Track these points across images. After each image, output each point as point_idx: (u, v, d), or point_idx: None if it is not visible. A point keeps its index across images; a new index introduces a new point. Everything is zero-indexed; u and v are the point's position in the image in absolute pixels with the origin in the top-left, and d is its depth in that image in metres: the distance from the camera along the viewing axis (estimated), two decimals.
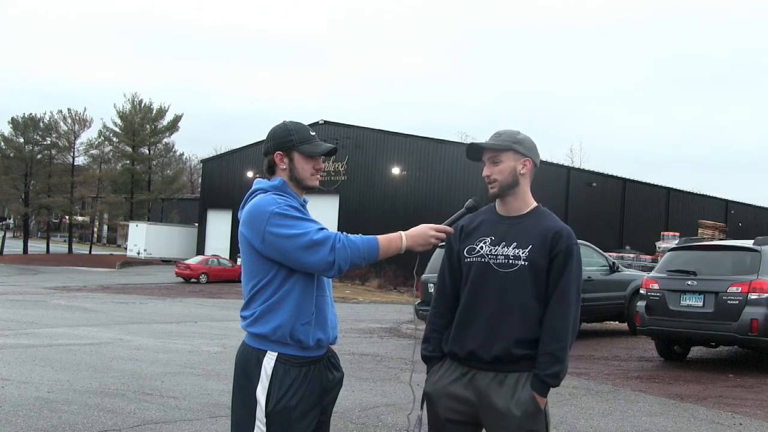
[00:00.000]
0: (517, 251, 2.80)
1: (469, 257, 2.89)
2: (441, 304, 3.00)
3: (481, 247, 2.87)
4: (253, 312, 2.72)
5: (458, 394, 2.83)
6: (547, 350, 2.74)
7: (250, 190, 2.84)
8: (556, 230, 2.82)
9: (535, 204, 2.93)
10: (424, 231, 2.77)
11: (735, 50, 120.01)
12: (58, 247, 64.69)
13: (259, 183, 2.85)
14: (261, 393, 2.66)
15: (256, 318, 2.71)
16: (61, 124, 57.96)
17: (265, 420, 2.65)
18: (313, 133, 2.88)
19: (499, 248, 2.83)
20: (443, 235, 2.81)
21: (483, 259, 2.85)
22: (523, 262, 2.78)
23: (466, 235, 2.94)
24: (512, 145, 2.86)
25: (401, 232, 2.77)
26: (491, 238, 2.87)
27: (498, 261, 2.82)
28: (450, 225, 2.86)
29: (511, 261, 2.80)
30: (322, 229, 2.67)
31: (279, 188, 2.79)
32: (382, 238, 2.72)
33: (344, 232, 2.70)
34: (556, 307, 2.77)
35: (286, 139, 2.83)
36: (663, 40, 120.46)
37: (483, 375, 2.80)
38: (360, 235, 2.72)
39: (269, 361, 2.68)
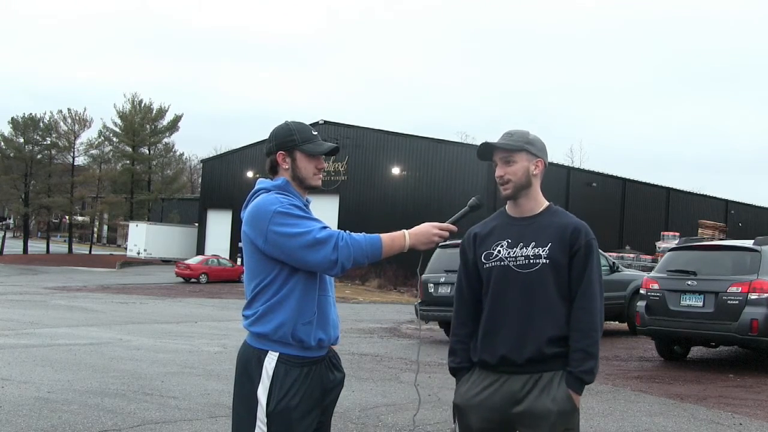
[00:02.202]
0: (536, 250, 2.79)
1: (488, 263, 2.87)
2: (463, 314, 2.97)
3: (499, 251, 2.85)
4: (255, 311, 2.71)
5: (490, 402, 2.80)
6: (578, 347, 2.73)
7: (253, 190, 2.83)
8: (575, 226, 2.81)
9: (547, 203, 2.92)
10: (427, 229, 2.77)
11: (735, 50, 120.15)
12: (58, 247, 64.65)
13: (262, 183, 2.84)
14: (262, 393, 2.66)
15: (258, 317, 2.70)
16: (61, 124, 58.00)
17: (266, 420, 2.65)
18: (315, 133, 2.88)
19: (518, 249, 2.82)
20: (446, 234, 2.79)
21: (502, 263, 2.83)
22: (544, 260, 2.77)
23: (480, 241, 2.92)
24: (525, 145, 2.85)
25: (404, 230, 2.76)
26: (508, 241, 2.85)
27: (518, 263, 2.80)
28: (453, 223, 2.84)
29: (531, 261, 2.79)
30: (325, 227, 2.66)
31: (282, 188, 2.79)
32: (385, 237, 2.71)
33: (348, 231, 2.69)
34: (583, 302, 2.76)
35: (289, 139, 2.83)
36: (663, 41, 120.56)
37: (516, 378, 2.78)
38: (363, 233, 2.71)
39: (270, 361, 2.67)
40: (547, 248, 2.78)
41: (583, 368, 2.72)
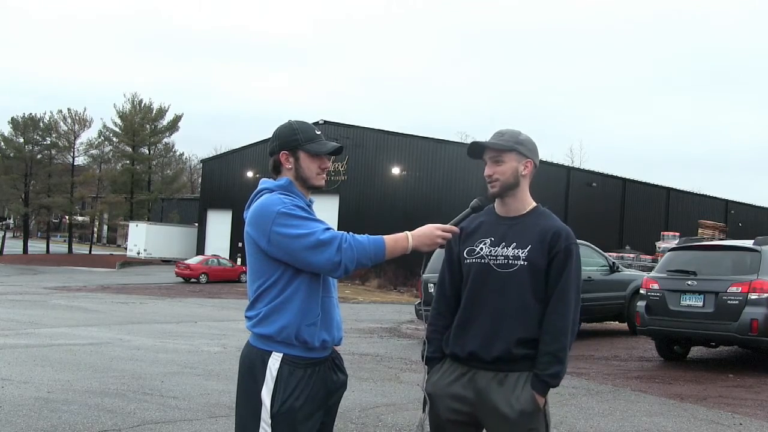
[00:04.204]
0: (516, 251, 2.81)
1: (469, 258, 2.89)
2: (441, 305, 3.00)
3: (481, 248, 2.87)
4: (259, 312, 2.70)
5: (458, 394, 2.84)
6: (547, 350, 2.75)
7: (256, 190, 2.81)
8: (555, 230, 2.82)
9: (534, 204, 2.94)
10: (430, 231, 2.75)
11: (735, 50, 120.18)
12: (58, 247, 64.67)
13: (265, 183, 2.82)
14: (266, 394, 2.64)
15: (261, 318, 2.69)
16: (61, 124, 58.03)
17: (270, 421, 2.64)
18: (319, 132, 2.86)
19: (499, 249, 2.84)
20: (449, 235, 2.79)
21: (483, 260, 2.85)
22: (522, 262, 2.79)
23: (466, 236, 2.94)
24: (515, 145, 2.86)
25: (407, 232, 2.74)
26: (491, 239, 2.87)
27: (498, 262, 2.82)
28: (456, 225, 2.85)
29: (510, 261, 2.80)
30: (329, 229, 2.65)
31: (285, 188, 2.77)
32: (388, 239, 2.70)
33: (350, 233, 2.68)
34: (556, 306, 2.77)
35: (292, 138, 2.81)
36: (662, 40, 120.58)
37: (483, 374, 2.81)
38: (366, 235, 2.69)
39: (274, 362, 2.66)
40: (526, 250, 2.80)
41: (550, 372, 2.74)
